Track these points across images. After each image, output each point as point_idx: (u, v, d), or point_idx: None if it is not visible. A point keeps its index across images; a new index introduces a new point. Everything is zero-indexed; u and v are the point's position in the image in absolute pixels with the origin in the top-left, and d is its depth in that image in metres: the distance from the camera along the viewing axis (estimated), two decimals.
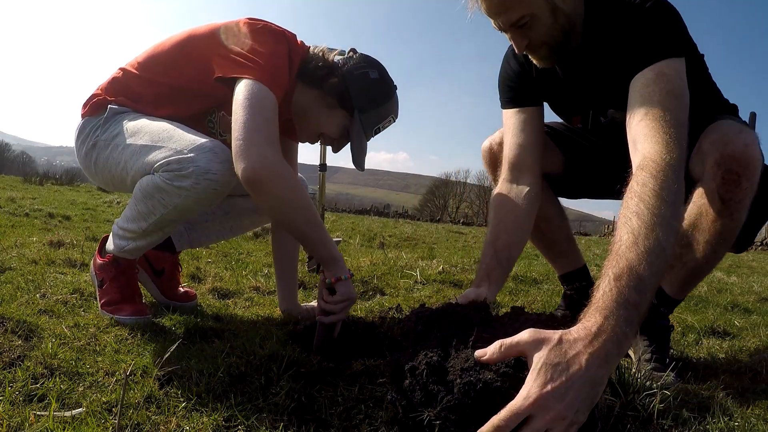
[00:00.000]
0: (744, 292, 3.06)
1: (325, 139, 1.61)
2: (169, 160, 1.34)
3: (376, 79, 1.52)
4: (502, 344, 0.81)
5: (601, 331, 0.78)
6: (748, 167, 1.23)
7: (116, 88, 1.55)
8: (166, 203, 1.37)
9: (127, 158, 1.44)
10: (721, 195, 1.27)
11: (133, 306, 1.51)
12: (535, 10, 1.26)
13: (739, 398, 1.21)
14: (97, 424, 0.87)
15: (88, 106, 1.57)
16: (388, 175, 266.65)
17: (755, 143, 1.24)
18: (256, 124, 1.28)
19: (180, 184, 1.33)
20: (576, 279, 1.87)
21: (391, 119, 1.58)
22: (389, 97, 1.54)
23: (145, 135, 1.42)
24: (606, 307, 0.81)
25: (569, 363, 0.75)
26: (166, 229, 1.48)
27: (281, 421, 0.94)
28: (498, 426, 0.73)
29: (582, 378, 0.74)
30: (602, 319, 0.79)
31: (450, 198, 46.80)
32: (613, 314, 0.80)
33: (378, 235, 5.72)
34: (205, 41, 1.47)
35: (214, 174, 1.32)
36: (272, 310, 1.84)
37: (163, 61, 1.52)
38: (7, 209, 4.63)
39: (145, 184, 1.39)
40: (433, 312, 1.07)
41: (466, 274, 3.02)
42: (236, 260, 2.93)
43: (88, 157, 1.57)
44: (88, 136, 1.55)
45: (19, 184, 9.70)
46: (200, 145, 1.34)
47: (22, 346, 1.18)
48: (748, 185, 1.25)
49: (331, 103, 1.51)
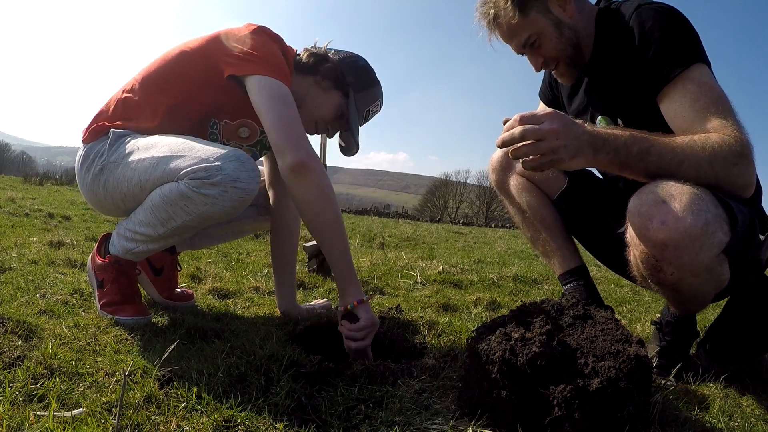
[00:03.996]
0: None
1: (320, 125, 1.67)
2: (195, 168, 1.33)
3: (364, 66, 1.68)
4: (521, 116, 1.11)
5: (599, 133, 1.12)
6: (666, 250, 1.04)
7: (114, 114, 1.56)
8: (190, 210, 1.37)
9: (141, 171, 1.42)
10: (647, 276, 1.15)
11: (133, 306, 1.51)
12: (540, 29, 1.36)
13: (739, 398, 1.21)
14: (97, 424, 0.87)
15: (88, 132, 1.57)
16: (388, 175, 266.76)
17: (683, 215, 1.01)
18: (290, 120, 1.38)
19: (207, 192, 1.33)
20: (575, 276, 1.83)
21: (378, 103, 1.72)
22: (376, 82, 1.70)
23: (162, 147, 1.42)
24: (609, 133, 1.13)
25: (575, 123, 1.11)
26: (184, 235, 1.48)
27: (281, 421, 0.94)
28: (522, 116, 1.10)
29: (581, 134, 1.10)
30: (606, 133, 1.12)
31: (450, 198, 46.81)
32: (610, 137, 1.12)
33: (378, 236, 5.71)
34: (205, 49, 1.50)
35: (242, 182, 1.34)
36: (272, 310, 1.84)
37: (159, 81, 1.54)
38: (7, 209, 4.63)
39: (167, 191, 1.38)
40: None
41: (466, 274, 3.02)
42: (236, 260, 2.93)
43: (95, 183, 1.53)
44: (94, 161, 1.52)
45: (19, 184, 9.70)
46: (226, 154, 1.35)
47: (22, 346, 1.18)
48: (675, 270, 1.07)
49: (326, 86, 1.63)
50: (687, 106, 1.17)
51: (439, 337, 1.57)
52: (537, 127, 1.08)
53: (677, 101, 1.19)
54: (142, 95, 1.54)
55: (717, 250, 1.06)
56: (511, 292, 2.52)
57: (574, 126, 1.11)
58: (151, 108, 1.54)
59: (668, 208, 1.03)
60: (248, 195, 1.36)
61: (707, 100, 1.16)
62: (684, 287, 1.13)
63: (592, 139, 1.11)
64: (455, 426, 0.95)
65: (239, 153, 1.37)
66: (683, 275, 1.08)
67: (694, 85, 1.18)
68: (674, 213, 1.02)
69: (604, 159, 1.12)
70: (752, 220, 1.16)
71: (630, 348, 0.93)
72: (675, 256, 1.05)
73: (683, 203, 1.02)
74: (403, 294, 2.29)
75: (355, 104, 1.64)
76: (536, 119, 1.09)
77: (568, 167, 1.13)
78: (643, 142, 1.11)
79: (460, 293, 2.40)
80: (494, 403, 0.94)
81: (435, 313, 1.91)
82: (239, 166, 1.34)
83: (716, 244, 1.05)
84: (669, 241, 1.03)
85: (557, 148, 1.08)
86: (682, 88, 1.19)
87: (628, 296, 2.63)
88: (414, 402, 1.05)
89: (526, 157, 1.11)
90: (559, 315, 1.11)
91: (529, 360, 0.90)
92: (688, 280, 1.10)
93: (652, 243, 1.06)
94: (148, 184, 1.42)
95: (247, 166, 1.35)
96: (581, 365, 0.91)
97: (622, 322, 1.06)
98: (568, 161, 1.10)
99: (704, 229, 1.02)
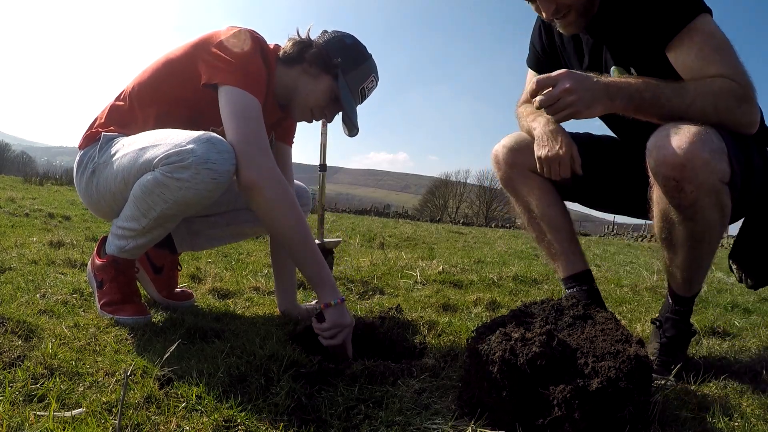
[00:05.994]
0: (744, 293, 3.06)
1: (316, 112, 1.66)
2: (168, 153, 1.34)
3: (351, 43, 1.64)
4: (538, 80, 1.28)
5: (613, 82, 1.29)
6: (685, 170, 1.18)
7: (108, 121, 1.58)
8: (166, 198, 1.37)
9: (124, 166, 1.44)
10: (669, 201, 1.26)
11: (133, 306, 1.51)
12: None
13: (739, 398, 1.21)
14: (97, 424, 0.87)
15: (83, 139, 1.60)
16: (388, 175, 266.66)
17: (694, 143, 1.18)
18: (246, 135, 1.37)
19: (180, 175, 1.33)
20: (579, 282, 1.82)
21: (373, 78, 1.67)
22: (367, 56, 1.65)
23: (141, 141, 1.43)
24: (622, 81, 1.30)
25: (587, 76, 1.27)
26: (167, 225, 1.48)
27: (281, 421, 0.94)
28: (538, 80, 1.28)
29: (593, 85, 1.26)
30: (619, 81, 1.29)
31: (450, 198, 46.79)
32: (623, 84, 1.28)
33: (378, 236, 5.71)
34: (187, 56, 1.51)
35: (213, 163, 1.32)
36: (272, 310, 1.84)
37: (148, 90, 1.56)
38: (7, 209, 4.63)
39: (144, 182, 1.39)
40: None
41: (466, 274, 3.02)
42: (236, 260, 2.93)
43: (89, 186, 1.55)
44: (87, 165, 1.55)
45: (19, 184, 9.71)
46: (198, 137, 1.34)
47: (22, 346, 1.18)
48: (694, 188, 1.20)
49: (315, 72, 1.59)
50: (693, 56, 1.30)
51: (439, 337, 1.57)
52: (550, 94, 1.27)
53: (684, 52, 1.31)
54: (133, 105, 1.57)
55: (723, 175, 1.21)
56: (511, 292, 2.52)
57: (587, 79, 1.27)
58: (142, 118, 1.56)
59: (681, 138, 1.20)
60: (221, 177, 1.34)
61: (711, 48, 1.29)
62: (699, 212, 1.24)
63: (606, 88, 1.28)
64: (455, 426, 0.95)
65: (212, 135, 1.36)
66: (700, 194, 1.21)
67: (699, 36, 1.29)
68: (687, 140, 1.19)
69: (620, 105, 1.29)
70: (748, 164, 1.30)
71: (630, 348, 0.94)
72: (692, 175, 1.19)
73: (692, 134, 1.19)
74: (403, 294, 2.29)
75: (348, 84, 1.61)
76: (551, 80, 1.27)
77: (588, 115, 1.29)
78: (655, 89, 1.28)
79: (460, 293, 2.40)
80: (494, 403, 0.94)
81: (435, 313, 1.91)
82: (210, 147, 1.32)
83: (722, 171, 1.20)
84: (686, 162, 1.18)
85: (573, 102, 1.26)
86: (689, 40, 1.30)
87: (628, 296, 2.63)
88: (414, 402, 1.05)
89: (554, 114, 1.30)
90: (559, 315, 1.11)
91: (529, 360, 0.90)
92: (704, 201, 1.22)
93: (671, 166, 1.20)
94: (130, 178, 1.43)
95: (219, 147, 1.34)
96: (581, 365, 0.92)
97: (622, 322, 1.06)
98: (585, 111, 1.27)
99: (712, 155, 1.18)
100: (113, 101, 1.61)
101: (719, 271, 3.77)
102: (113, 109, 1.59)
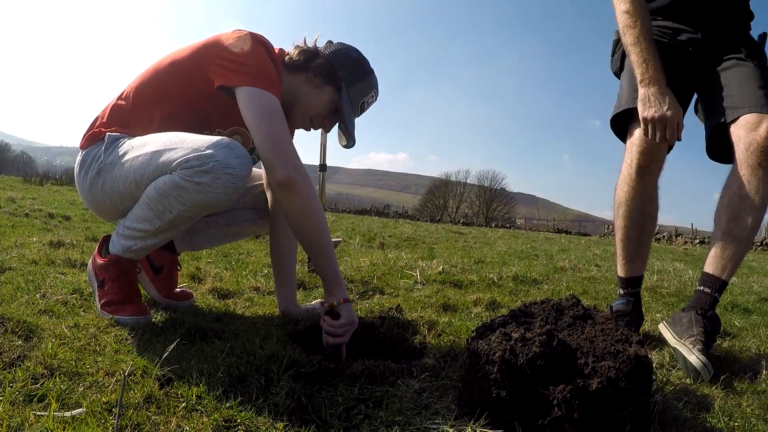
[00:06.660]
0: (744, 292, 3.06)
1: (315, 121, 1.68)
2: (187, 157, 1.35)
3: (356, 57, 1.67)
4: None
5: None
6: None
7: (110, 121, 1.57)
8: (184, 200, 1.38)
9: (136, 168, 1.43)
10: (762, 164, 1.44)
11: (133, 306, 1.51)
12: None
13: (739, 398, 1.21)
14: (97, 424, 0.87)
15: (85, 138, 1.59)
16: (388, 175, 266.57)
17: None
18: (278, 135, 1.40)
19: (200, 179, 1.34)
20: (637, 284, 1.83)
21: (374, 94, 1.71)
22: (370, 73, 1.69)
23: (155, 143, 1.43)
24: None
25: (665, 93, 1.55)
26: (180, 227, 1.48)
27: (281, 421, 0.94)
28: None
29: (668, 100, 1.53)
30: None
31: (450, 198, 46.81)
32: None
33: (378, 236, 5.71)
34: (194, 58, 1.51)
35: (233, 168, 1.35)
36: (272, 310, 1.84)
37: (152, 91, 1.55)
38: (7, 209, 4.63)
39: (161, 183, 1.39)
40: None
41: (466, 274, 3.02)
42: (236, 260, 2.93)
43: (93, 186, 1.54)
44: (91, 166, 1.54)
45: (19, 184, 9.71)
46: (216, 142, 1.36)
47: (22, 346, 1.18)
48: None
49: (319, 82, 1.62)
50: None
51: (439, 337, 1.57)
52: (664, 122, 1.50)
53: None
54: (137, 104, 1.56)
55: None
56: (511, 292, 2.52)
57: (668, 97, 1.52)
58: (147, 117, 1.55)
59: None
60: (240, 181, 1.37)
61: None
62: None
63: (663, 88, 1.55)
64: (455, 426, 0.95)
65: (230, 140, 1.38)
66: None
67: None
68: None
69: None
70: None
71: (630, 348, 0.94)
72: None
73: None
74: (403, 294, 2.29)
75: (350, 97, 1.64)
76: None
77: None
78: None
79: (460, 293, 2.40)
80: (494, 403, 0.94)
81: (435, 313, 1.91)
82: (229, 153, 1.35)
83: None
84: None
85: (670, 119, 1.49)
86: None
87: None
88: (414, 402, 1.05)
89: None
90: (559, 315, 1.12)
91: (529, 360, 0.90)
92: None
93: None
94: (143, 180, 1.43)
95: (237, 152, 1.37)
96: (581, 365, 0.92)
97: None
98: None
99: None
100: (115, 100, 1.60)
101: None
102: (115, 108, 1.59)
